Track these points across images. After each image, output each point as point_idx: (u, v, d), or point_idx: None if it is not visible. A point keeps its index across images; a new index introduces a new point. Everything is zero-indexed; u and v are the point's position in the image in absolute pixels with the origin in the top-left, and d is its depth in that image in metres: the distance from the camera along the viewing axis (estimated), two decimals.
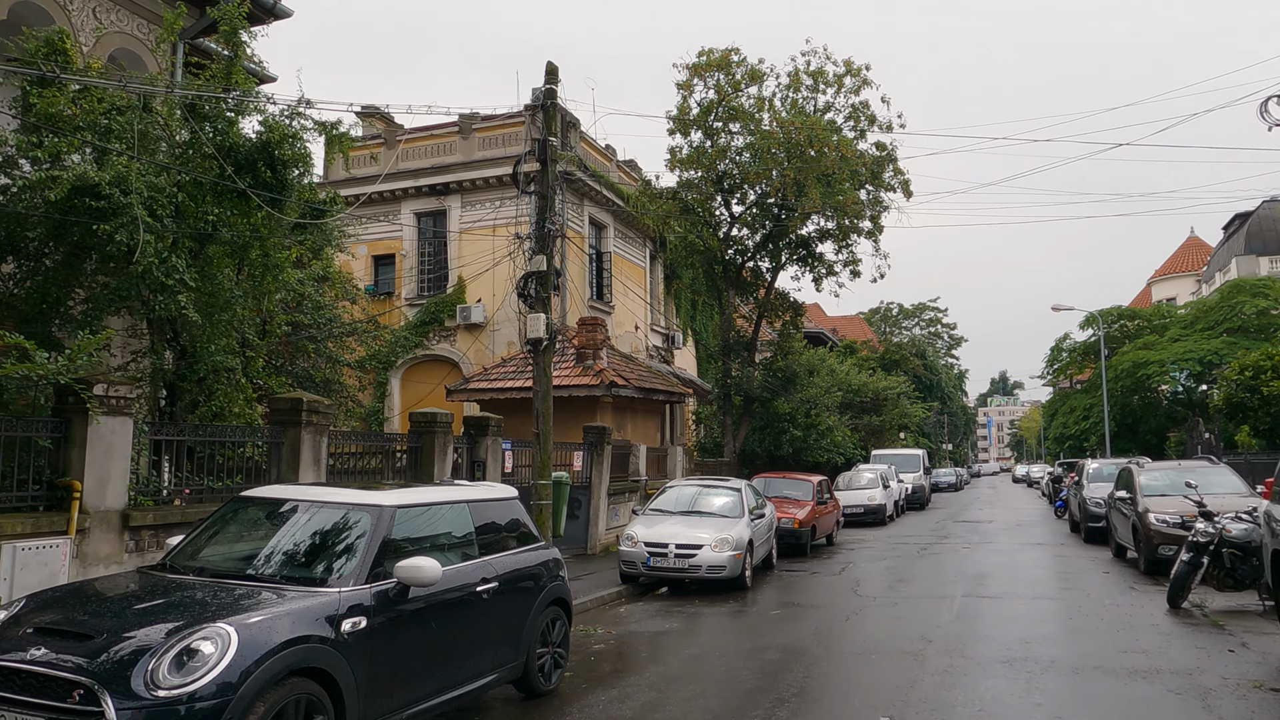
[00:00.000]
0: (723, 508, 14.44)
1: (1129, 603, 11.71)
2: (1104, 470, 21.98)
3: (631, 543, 13.39)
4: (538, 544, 7.58)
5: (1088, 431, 39.87)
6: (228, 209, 10.53)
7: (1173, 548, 13.82)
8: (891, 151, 27.17)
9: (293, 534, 5.91)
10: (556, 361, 20.87)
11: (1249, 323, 33.40)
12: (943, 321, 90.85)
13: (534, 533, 7.64)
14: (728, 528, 13.54)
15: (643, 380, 21.73)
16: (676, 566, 13.01)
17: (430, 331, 27.47)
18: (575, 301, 27.17)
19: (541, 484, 11.70)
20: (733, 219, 27.57)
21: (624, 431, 21.58)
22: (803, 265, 28.67)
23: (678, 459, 22.99)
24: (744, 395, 27.83)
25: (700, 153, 26.16)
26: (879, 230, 26.97)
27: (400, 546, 5.93)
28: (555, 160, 12.66)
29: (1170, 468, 16.14)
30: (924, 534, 23.58)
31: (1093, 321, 38.93)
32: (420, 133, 29.20)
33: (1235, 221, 49.71)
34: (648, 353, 32.53)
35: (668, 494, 15.18)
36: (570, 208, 27.35)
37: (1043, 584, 13.83)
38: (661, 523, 13.97)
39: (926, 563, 16.86)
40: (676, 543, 13.13)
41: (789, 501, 19.32)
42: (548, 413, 11.96)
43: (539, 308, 12.19)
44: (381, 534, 5.77)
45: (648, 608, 12.04)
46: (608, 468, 18.38)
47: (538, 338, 11.96)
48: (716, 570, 12.96)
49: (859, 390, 40.85)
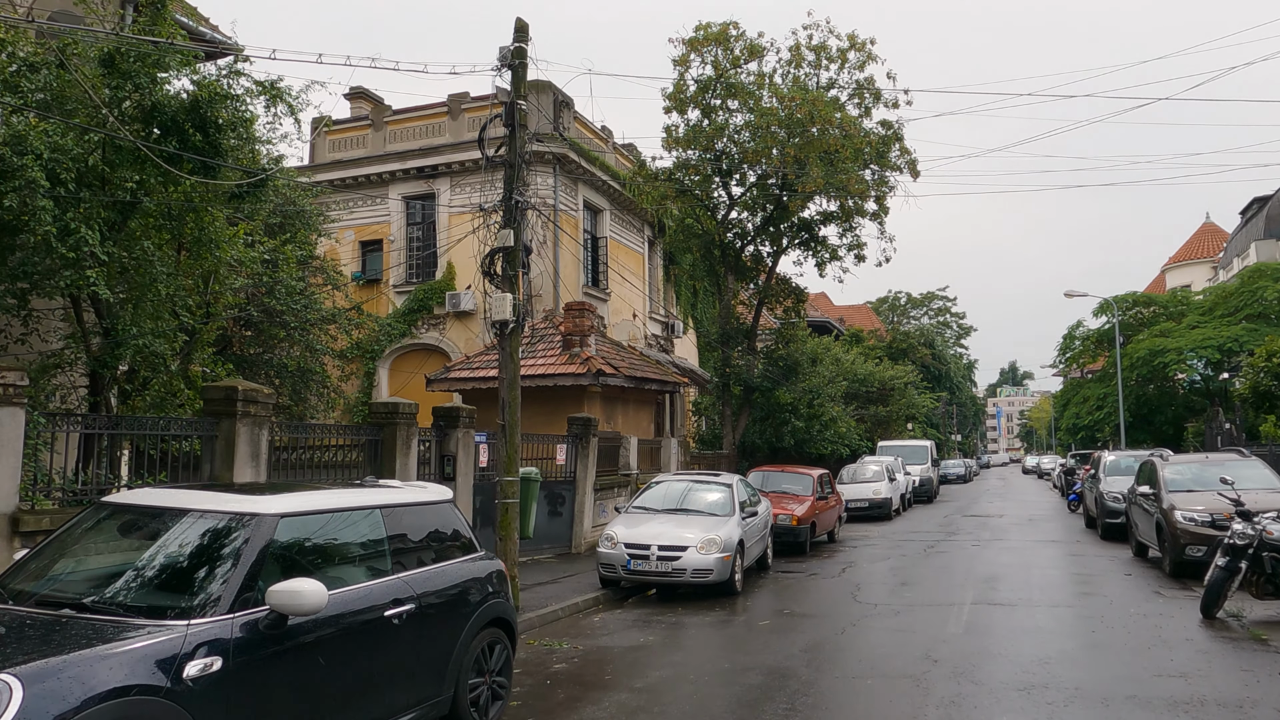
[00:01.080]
0: (712, 505, 13.34)
1: (1157, 611, 10.57)
2: (1122, 463, 20.83)
3: (611, 543, 12.31)
4: (475, 555, 6.48)
5: (1101, 422, 38.57)
6: (151, 176, 9.45)
7: (1201, 549, 12.70)
8: (898, 130, 25.92)
9: (151, 550, 4.83)
10: (543, 349, 19.79)
11: (1270, 309, 32.05)
12: (951, 311, 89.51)
13: (471, 541, 6.54)
14: (716, 527, 12.44)
15: (634, 369, 20.63)
16: (659, 570, 11.92)
17: (419, 319, 26.42)
18: (569, 288, 26.08)
19: (507, 481, 10.62)
20: (732, 201, 26.40)
21: (614, 423, 20.50)
22: (805, 249, 27.49)
23: (672, 452, 21.90)
24: (744, 385, 26.70)
25: (697, 132, 24.96)
26: (884, 212, 25.77)
27: (287, 564, 4.85)
28: (524, 125, 11.54)
29: (1197, 460, 14.97)
30: (931, 530, 22.45)
31: (1107, 308, 37.59)
32: (408, 113, 28.12)
33: (1254, 205, 48.18)
34: (646, 341, 31.43)
35: (653, 490, 14.09)
36: (564, 191, 26.28)
37: (1060, 588, 12.70)
38: (645, 521, 12.88)
39: (933, 563, 15.74)
40: (659, 544, 12.04)
41: (787, 497, 18.23)
42: (515, 402, 10.87)
43: (506, 287, 11.08)
44: (258, 548, 4.68)
45: (625, 616, 10.96)
46: (594, 461, 17.29)
47: (504, 319, 10.85)
48: (702, 574, 11.87)
49: (865, 380, 39.69)
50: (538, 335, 20.41)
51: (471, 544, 6.52)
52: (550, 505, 16.39)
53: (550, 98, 25.74)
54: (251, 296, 15.81)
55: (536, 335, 20.44)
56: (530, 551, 15.72)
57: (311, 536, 5.14)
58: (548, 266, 25.30)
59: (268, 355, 18.06)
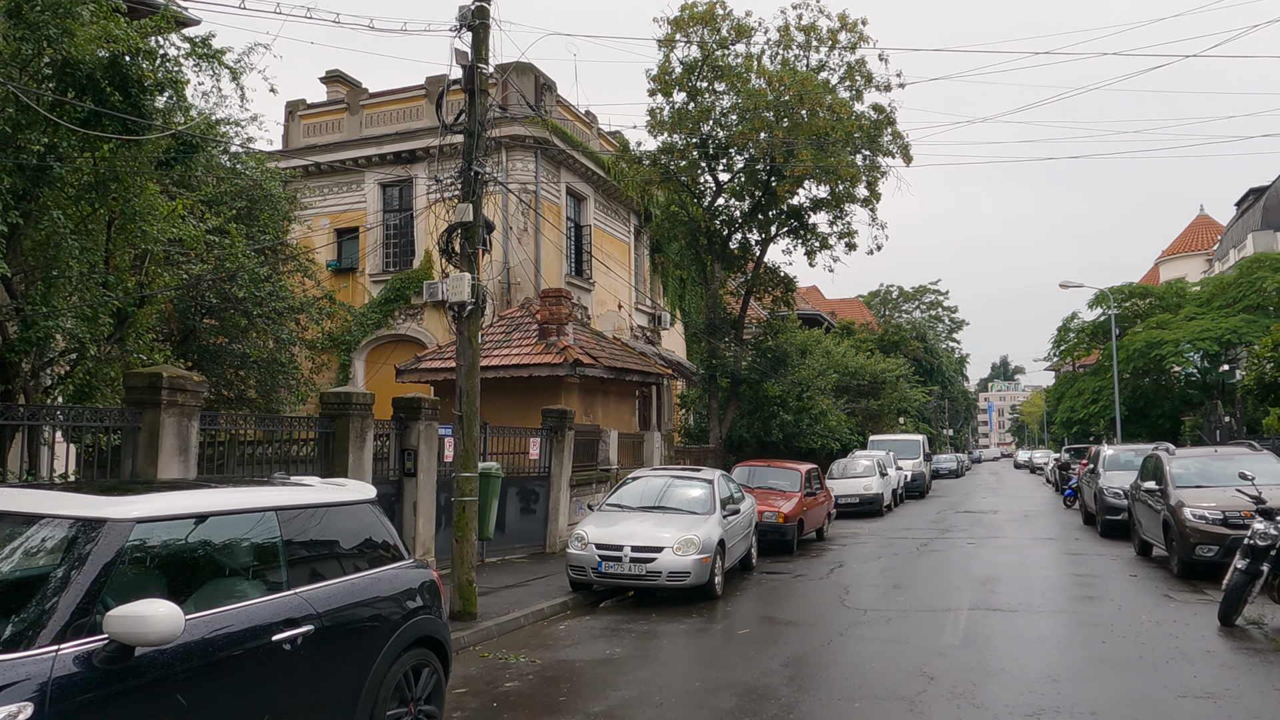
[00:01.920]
0: (691, 502, 12.47)
1: (1170, 618, 9.74)
2: (1121, 457, 20.03)
3: (581, 544, 11.43)
4: (400, 563, 5.59)
5: (1096, 416, 37.86)
6: (65, 140, 8.52)
7: (1212, 549, 11.91)
8: (890, 114, 25.03)
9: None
10: (519, 339, 18.90)
11: (1270, 300, 31.36)
12: (944, 304, 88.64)
13: (395, 547, 5.64)
14: (694, 526, 11.57)
15: (614, 359, 19.73)
16: (632, 573, 11.04)
17: (396, 309, 25.53)
18: (551, 277, 25.21)
19: (464, 477, 9.72)
20: (718, 186, 25.51)
21: (593, 416, 19.61)
22: (794, 237, 26.62)
23: (655, 446, 21.02)
24: (730, 377, 25.83)
25: (683, 115, 24.05)
26: (876, 198, 24.90)
27: (143, 580, 3.95)
28: (485, 91, 10.60)
29: (1205, 454, 14.16)
30: (924, 526, 21.64)
31: (1102, 300, 36.84)
32: (384, 97, 27.17)
33: (1250, 196, 47.56)
34: (632, 333, 30.57)
35: (629, 487, 13.20)
36: (546, 177, 25.38)
37: (1062, 591, 11.86)
38: (618, 520, 12.00)
39: (927, 563, 14.91)
40: (632, 544, 11.15)
41: (774, 493, 17.38)
42: (473, 391, 9.96)
43: (464, 266, 10.17)
44: (101, 563, 3.78)
45: (594, 624, 10.08)
46: (570, 456, 16.40)
47: (461, 301, 9.94)
48: (679, 577, 10.99)
49: (856, 373, 38.87)
50: (514, 324, 19.51)
51: (396, 551, 5.62)
52: (523, 502, 15.50)
53: (531, 80, 24.83)
54: (212, 283, 14.91)
55: (513, 324, 19.54)
56: (501, 551, 14.84)
57: (180, 546, 4.24)
58: (528, 254, 24.42)
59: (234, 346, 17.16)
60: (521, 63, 24.96)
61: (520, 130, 24.26)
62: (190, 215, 12.14)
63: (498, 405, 18.28)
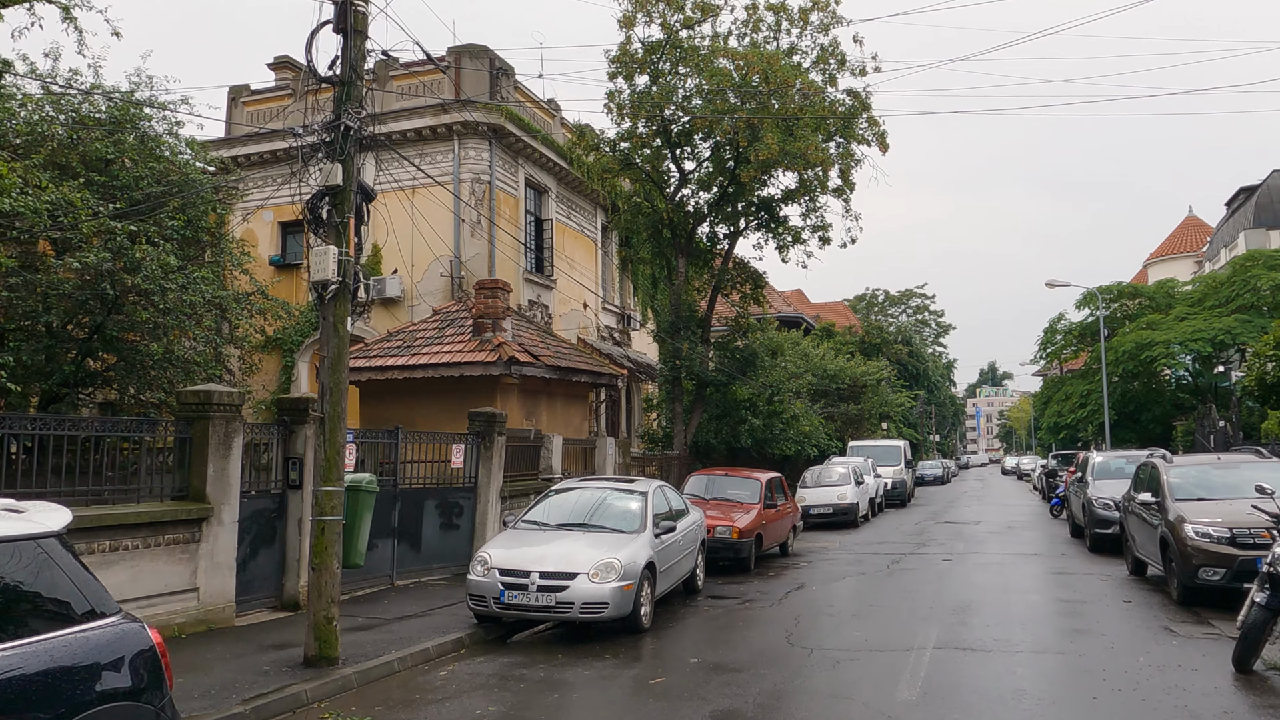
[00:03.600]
0: (619, 519, 10.79)
1: (1173, 661, 8.10)
2: (1112, 464, 18.48)
3: (484, 568, 9.73)
4: (90, 626, 3.89)
5: (1085, 420, 36.31)
6: None
7: (1217, 572, 10.32)
8: (865, 99, 23.47)
9: None
10: (452, 335, 17.22)
11: (1265, 299, 29.91)
12: (930, 309, 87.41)
13: (83, 601, 3.94)
14: (619, 547, 9.88)
15: (560, 358, 18.04)
16: (539, 604, 9.34)
17: None
18: (508, 273, 23.56)
19: (326, 491, 8.03)
20: (683, 175, 23.86)
21: (537, 420, 17.93)
22: (765, 231, 25.01)
23: (608, 453, 19.32)
24: (696, 379, 24.15)
25: (643, 98, 22.40)
26: (850, 187, 23.29)
27: None
28: (362, 31, 8.94)
29: (1207, 462, 12.57)
30: (900, 540, 20.01)
31: (1090, 300, 35.32)
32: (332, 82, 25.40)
33: (1240, 196, 46.27)
34: (599, 334, 28.96)
35: (550, 501, 11.50)
36: (502, 167, 23.74)
37: (1046, 623, 10.22)
38: (532, 540, 10.31)
39: (896, 585, 13.26)
40: (541, 569, 9.46)
41: (731, 505, 15.75)
42: (338, 389, 8.28)
43: (332, 238, 8.49)
44: None
45: (484, 669, 8.37)
46: (500, 463, 14.70)
47: (324, 279, 8.27)
48: (595, 609, 9.30)
49: (835, 376, 37.29)
50: (449, 320, 17.81)
51: (84, 608, 3.92)
52: (444, 517, 13.79)
53: (486, 62, 23.23)
54: (107, 272, 13.24)
55: (447, 320, 17.84)
56: (417, 572, 13.12)
57: None
58: (482, 249, 22.79)
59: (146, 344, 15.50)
60: (475, 45, 23.36)
61: (473, 116, 22.65)
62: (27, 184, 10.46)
63: (428, 408, 16.61)
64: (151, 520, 8.88)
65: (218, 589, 9.60)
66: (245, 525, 10.23)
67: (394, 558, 12.74)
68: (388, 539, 12.68)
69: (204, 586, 9.45)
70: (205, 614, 9.41)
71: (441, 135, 23.12)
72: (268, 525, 10.64)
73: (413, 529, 13.19)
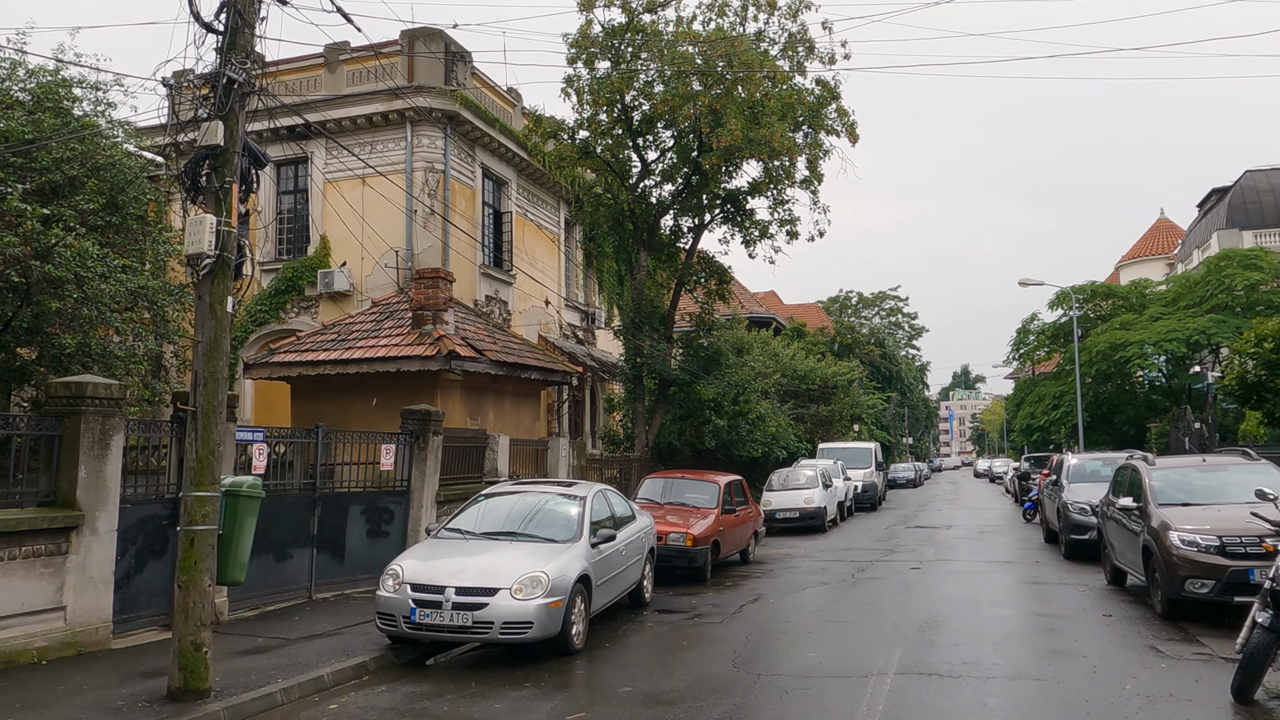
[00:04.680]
0: (552, 526, 9.74)
1: (1164, 689, 7.17)
2: (1087, 467, 17.67)
3: (394, 583, 8.64)
4: None
5: (1058, 422, 35.72)
6: None
7: (1205, 584, 9.44)
8: (834, 88, 22.56)
9: None
10: (390, 328, 16.09)
11: (1239, 299, 29.41)
12: (904, 311, 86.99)
13: None
14: (548, 559, 8.83)
15: (509, 353, 16.95)
16: (454, 624, 8.27)
17: (288, 302, 22.67)
18: (464, 268, 22.51)
19: (196, 497, 6.94)
20: (645, 165, 22.83)
21: (483, 419, 16.84)
22: (731, 225, 23.99)
23: (561, 455, 18.25)
24: (659, 378, 23.12)
25: (603, 83, 21.34)
26: (818, 178, 22.36)
27: None
28: None
29: (1191, 465, 11.72)
30: (867, 546, 19.10)
31: (1064, 299, 34.75)
32: (280, 66, 24.26)
33: (1213, 197, 46.03)
34: (562, 331, 27.95)
35: (476, 507, 10.41)
36: (459, 157, 22.66)
37: (1020, 641, 9.28)
38: (452, 551, 9.24)
39: (859, 596, 12.30)
40: (458, 585, 8.39)
41: (687, 510, 14.76)
42: (214, 378, 7.18)
43: (209, 206, 7.39)
44: None
45: (382, 702, 7.29)
46: (436, 465, 13.60)
47: (198, 252, 7.17)
48: (516, 629, 8.24)
49: (805, 376, 36.42)
50: (388, 312, 16.67)
51: None
52: (371, 523, 12.68)
53: (441, 47, 22.17)
54: (15, 259, 12.07)
55: (386, 311, 16.70)
56: (341, 584, 12.00)
57: None
58: (435, 240, 21.72)
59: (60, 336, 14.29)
60: (430, 28, 22.26)
61: (426, 102, 21.57)
62: None
63: (365, 406, 15.48)
64: (4, 530, 7.73)
65: (90, 607, 8.45)
66: (129, 535, 9.09)
67: (313, 569, 11.62)
68: (306, 548, 11.56)
69: (73, 604, 8.30)
70: (74, 636, 8.26)
71: (394, 122, 22.05)
72: (158, 534, 9.49)
73: (335, 537, 12.07)
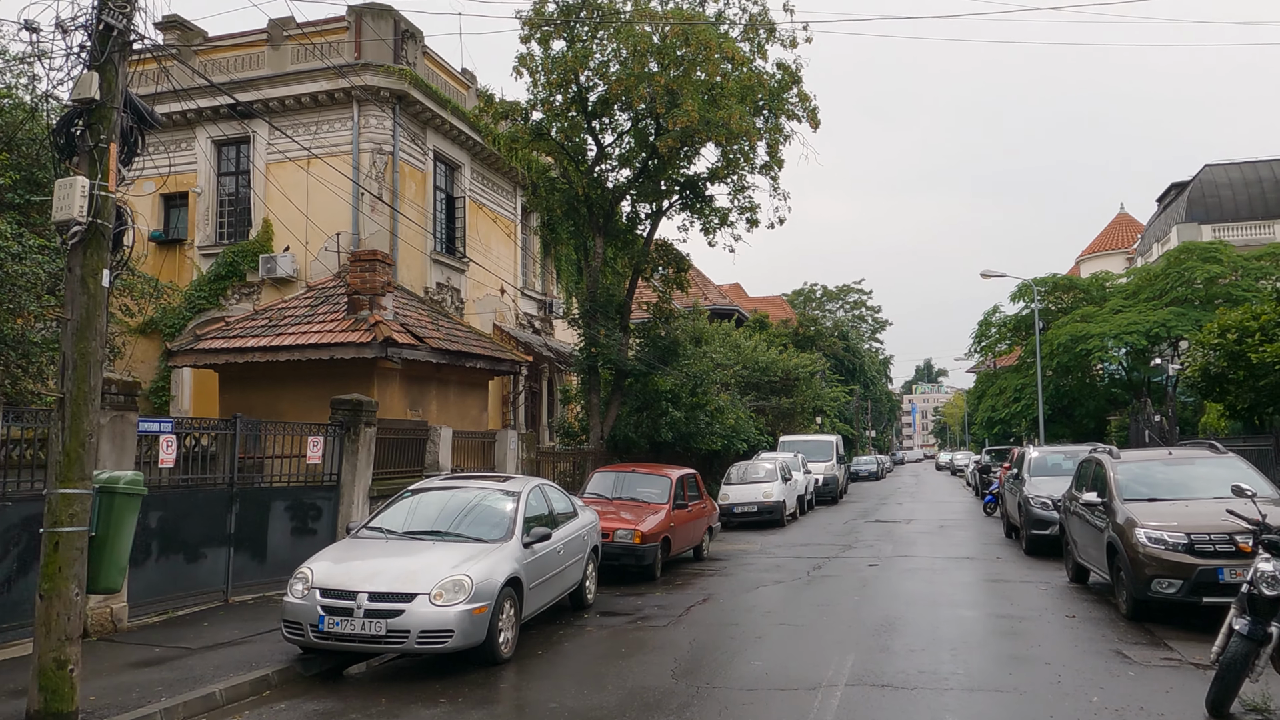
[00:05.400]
0: (481, 525, 9.00)
1: (1134, 700, 6.63)
2: (1049, 460, 17.29)
3: (303, 587, 7.87)
4: None
5: (1019, 415, 35.55)
6: None
7: (1173, 584, 8.96)
8: (795, 71, 21.94)
9: None
10: (325, 313, 15.22)
11: (1198, 292, 29.36)
12: (867, 304, 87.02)
13: None
14: (473, 560, 8.10)
15: (453, 341, 16.14)
16: (366, 633, 7.52)
17: (229, 288, 21.69)
18: (414, 255, 21.64)
19: (63, 494, 6.13)
20: (601, 149, 22.07)
21: (425, 410, 16.04)
22: (690, 212, 23.32)
23: (509, 447, 17.47)
24: (614, 368, 22.41)
25: (557, 62, 20.52)
26: (778, 164, 21.73)
27: None
28: None
29: (1157, 458, 11.26)
30: (826, 541, 18.58)
31: (1026, 292, 34.54)
32: (221, 41, 23.23)
33: (1172, 191, 46.26)
34: (518, 321, 27.16)
35: (403, 503, 9.64)
36: (409, 139, 21.75)
37: (981, 647, 8.72)
38: (369, 552, 8.48)
39: (814, 596, 11.71)
40: (371, 590, 7.64)
41: (637, 505, 14.11)
42: (85, 361, 6.37)
43: (83, 167, 6.56)
44: None
45: (285, 717, 6.54)
46: (369, 459, 12.79)
47: (67, 219, 6.35)
48: (435, 638, 7.51)
49: (767, 368, 35.89)
50: (323, 296, 15.79)
51: None
52: (297, 520, 11.85)
53: (390, 24, 21.22)
54: None
55: (322, 296, 15.82)
56: (260, 586, 11.15)
57: None
58: (384, 225, 20.83)
59: None
60: (379, 4, 21.30)
61: (374, 80, 20.65)
62: None
63: (297, 396, 14.60)
64: None
65: None
66: (10, 536, 8.23)
67: (229, 570, 10.78)
68: (222, 547, 10.72)
69: None
70: None
71: (340, 102, 21.12)
72: (32, 537, 8.62)
73: (256, 535, 11.23)
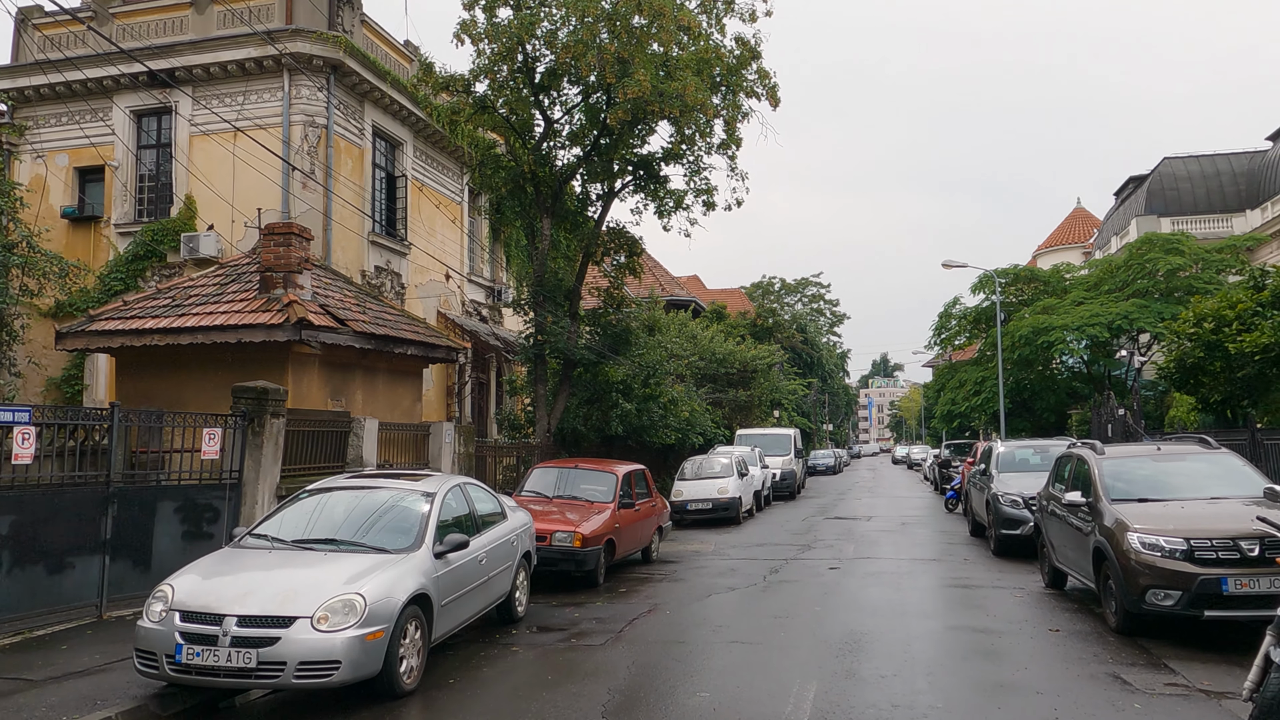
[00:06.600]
0: (386, 532, 7.72)
1: None
2: (1018, 455, 16.43)
3: (162, 609, 6.56)
4: None
5: (979, 409, 34.95)
6: None
7: (1171, 595, 7.99)
8: (755, 47, 20.83)
9: None
10: (235, 292, 13.78)
11: (1159, 284, 28.89)
12: (825, 298, 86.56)
13: None
14: (367, 576, 6.83)
15: (381, 325, 14.76)
16: (233, 665, 6.21)
17: (148, 269, 20.14)
18: (350, 236, 20.20)
19: None
20: (549, 124, 20.76)
21: (349, 400, 14.66)
22: (645, 194, 22.12)
23: (445, 441, 16.14)
24: (562, 357, 21.16)
25: (502, 29, 19.15)
26: (735, 143, 20.64)
27: None
28: None
29: (1144, 454, 10.29)
30: (784, 540, 17.54)
31: (987, 283, 33.88)
32: (142, 3, 21.55)
33: (1130, 185, 46.05)
34: (465, 308, 25.79)
35: (296, 506, 8.31)
36: (344, 112, 20.29)
37: (958, 670, 7.65)
38: (246, 565, 7.16)
39: (770, 606, 10.60)
40: (240, 613, 6.34)
41: (578, 505, 12.91)
42: None
43: None
44: None
45: None
46: (277, 454, 11.41)
47: None
48: (318, 671, 6.23)
49: (724, 359, 34.89)
50: (234, 274, 14.32)
51: None
52: (190, 524, 10.45)
53: None
54: None
55: (233, 274, 14.35)
56: (145, 597, 9.72)
57: None
58: (317, 203, 19.38)
59: None
60: None
61: (305, 48, 19.17)
62: None
63: (204, 384, 13.16)
64: None
65: None
66: None
67: (104, 581, 9.38)
68: (94, 555, 9.31)
69: None
70: None
71: (269, 70, 19.62)
72: None
73: (138, 541, 9.83)
